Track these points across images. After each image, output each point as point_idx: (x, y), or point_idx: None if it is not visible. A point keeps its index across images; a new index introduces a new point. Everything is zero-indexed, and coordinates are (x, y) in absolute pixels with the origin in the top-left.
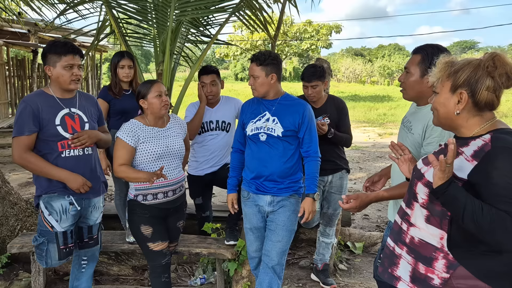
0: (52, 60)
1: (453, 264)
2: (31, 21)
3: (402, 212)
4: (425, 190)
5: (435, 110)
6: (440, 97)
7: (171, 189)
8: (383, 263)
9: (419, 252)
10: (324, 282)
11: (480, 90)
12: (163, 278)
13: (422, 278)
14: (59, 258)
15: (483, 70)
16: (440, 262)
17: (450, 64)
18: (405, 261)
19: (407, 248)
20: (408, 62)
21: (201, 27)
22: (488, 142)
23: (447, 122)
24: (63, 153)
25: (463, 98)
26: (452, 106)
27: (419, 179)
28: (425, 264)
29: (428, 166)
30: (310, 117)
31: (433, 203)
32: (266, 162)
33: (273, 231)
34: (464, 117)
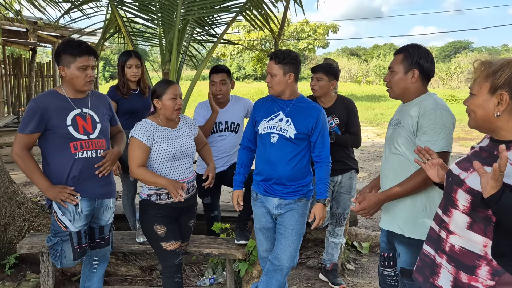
0: (66, 60)
1: (498, 271)
2: (30, 20)
3: (439, 219)
4: (466, 197)
5: (472, 112)
6: (478, 98)
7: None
8: (424, 272)
9: (460, 260)
10: (333, 282)
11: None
12: (175, 278)
13: (465, 287)
14: (73, 258)
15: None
16: (483, 269)
17: (488, 65)
18: (445, 270)
19: (447, 256)
20: (392, 62)
21: (206, 26)
22: None
23: (486, 125)
24: (76, 154)
25: (504, 99)
26: (491, 108)
27: (459, 186)
28: (467, 272)
29: (469, 172)
30: (324, 122)
31: (476, 210)
32: (275, 165)
33: (283, 234)
34: (504, 119)
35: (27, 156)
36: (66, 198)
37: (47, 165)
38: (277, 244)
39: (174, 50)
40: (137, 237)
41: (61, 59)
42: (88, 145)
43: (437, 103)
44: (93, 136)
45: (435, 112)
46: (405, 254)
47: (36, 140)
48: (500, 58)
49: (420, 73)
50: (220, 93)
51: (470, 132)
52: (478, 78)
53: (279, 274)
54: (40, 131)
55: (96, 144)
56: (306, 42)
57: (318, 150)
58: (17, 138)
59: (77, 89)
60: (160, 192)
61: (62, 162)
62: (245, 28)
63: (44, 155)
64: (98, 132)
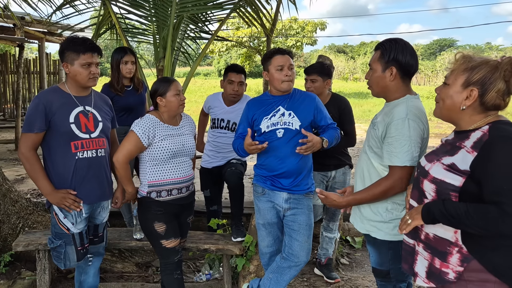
0: (70, 57)
1: (467, 257)
2: (18, 15)
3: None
4: (432, 187)
5: (441, 100)
6: (450, 89)
7: (185, 186)
8: (407, 260)
9: (435, 247)
10: (328, 276)
11: (490, 91)
12: (175, 275)
13: (437, 273)
14: (77, 259)
15: (500, 73)
16: (454, 257)
17: (468, 60)
18: (422, 257)
19: (423, 244)
20: (371, 59)
21: (200, 23)
22: (486, 132)
23: (449, 114)
24: (77, 154)
25: (473, 95)
26: (459, 101)
27: (424, 177)
28: (440, 259)
29: (432, 163)
30: (322, 105)
31: (441, 198)
32: (283, 159)
33: (297, 231)
34: (468, 113)
35: (33, 157)
36: (70, 204)
37: (48, 165)
38: (291, 241)
39: (168, 47)
40: (134, 233)
41: (65, 56)
42: (89, 145)
43: (408, 112)
44: (94, 135)
45: (403, 122)
46: (373, 254)
47: (42, 137)
48: (482, 56)
49: (399, 70)
50: (237, 93)
51: None
52: (456, 70)
53: (294, 270)
54: (46, 128)
55: (97, 143)
56: (294, 40)
57: (328, 122)
58: (24, 138)
59: (80, 85)
60: (161, 189)
61: (64, 163)
62: (234, 25)
63: (44, 155)
64: (100, 131)
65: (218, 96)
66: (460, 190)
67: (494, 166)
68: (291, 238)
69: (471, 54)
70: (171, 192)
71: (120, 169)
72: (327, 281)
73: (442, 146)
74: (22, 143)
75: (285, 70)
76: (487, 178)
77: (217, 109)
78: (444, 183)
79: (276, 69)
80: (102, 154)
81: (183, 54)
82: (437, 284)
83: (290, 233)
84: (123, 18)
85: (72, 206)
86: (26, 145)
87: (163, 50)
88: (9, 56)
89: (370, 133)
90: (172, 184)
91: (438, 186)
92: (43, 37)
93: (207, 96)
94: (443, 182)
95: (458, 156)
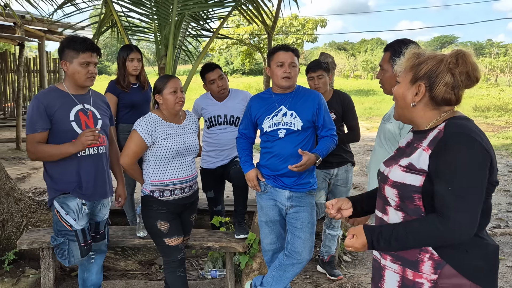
0: (69, 55)
1: (440, 263)
2: (18, 13)
3: (379, 219)
4: (393, 192)
5: (395, 99)
6: (400, 87)
7: (188, 185)
8: (374, 278)
9: (404, 257)
10: (331, 274)
11: (438, 85)
12: (178, 272)
13: (410, 285)
14: (81, 256)
15: (445, 66)
16: (427, 264)
17: (417, 56)
18: (391, 271)
19: (391, 256)
20: (382, 60)
21: (201, 21)
22: (442, 130)
23: (404, 113)
24: (78, 152)
25: (421, 90)
26: (410, 98)
27: (385, 183)
28: (412, 269)
29: (390, 167)
30: (325, 104)
31: (405, 202)
32: (285, 159)
33: (300, 229)
34: (420, 110)
35: (42, 146)
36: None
37: (51, 165)
38: (294, 239)
39: (170, 45)
40: (138, 231)
41: (64, 54)
42: None
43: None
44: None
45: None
46: None
47: (47, 136)
48: (432, 52)
49: None
50: (222, 88)
51: None
52: (406, 67)
53: (297, 267)
54: (50, 126)
55: (97, 141)
56: (295, 37)
57: (325, 129)
58: (29, 139)
59: (78, 84)
60: (164, 188)
61: (66, 162)
62: (234, 22)
63: None
64: (100, 128)
65: (207, 96)
66: (421, 190)
67: (443, 167)
68: (293, 236)
69: (422, 50)
70: (174, 192)
71: (130, 170)
72: (330, 278)
73: (400, 149)
74: (28, 144)
75: (285, 67)
76: (436, 179)
77: (211, 107)
78: (404, 185)
79: (277, 65)
80: (103, 151)
81: (185, 52)
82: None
83: (292, 230)
84: (125, 16)
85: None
86: (31, 145)
87: (164, 48)
88: (9, 55)
89: (382, 128)
90: (175, 184)
91: (399, 190)
92: (43, 35)
93: (195, 100)
94: (403, 185)
95: (415, 155)
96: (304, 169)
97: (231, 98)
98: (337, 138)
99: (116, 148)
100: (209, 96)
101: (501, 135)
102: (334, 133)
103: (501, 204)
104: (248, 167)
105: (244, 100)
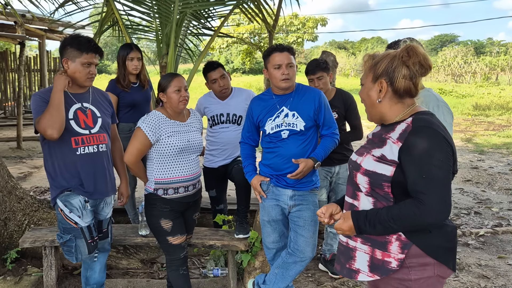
0: (72, 54)
1: (407, 244)
2: (19, 13)
3: (349, 205)
4: (365, 179)
5: (363, 101)
6: (365, 88)
7: (192, 184)
8: (339, 260)
9: (374, 239)
10: (333, 272)
11: (397, 78)
12: (181, 271)
13: (380, 264)
14: (88, 252)
15: (399, 60)
16: (394, 245)
17: (372, 57)
18: (361, 252)
19: (361, 239)
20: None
21: (202, 19)
22: (410, 124)
23: (373, 111)
24: (78, 150)
25: (383, 86)
26: (375, 95)
27: (357, 170)
28: (381, 249)
29: (363, 156)
30: (326, 102)
31: (375, 189)
32: (288, 159)
33: (303, 227)
34: (386, 105)
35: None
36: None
37: (50, 163)
38: (297, 237)
39: (172, 44)
40: (140, 229)
41: (67, 52)
42: (90, 140)
43: (438, 99)
44: (94, 130)
45: (438, 109)
46: None
47: None
48: (384, 52)
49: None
50: (224, 87)
51: (458, 125)
52: (365, 70)
53: (300, 265)
54: None
55: (98, 139)
56: (295, 36)
57: (326, 127)
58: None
59: (78, 84)
60: (167, 186)
61: (66, 159)
62: (234, 21)
63: (45, 154)
64: (100, 126)
65: (210, 95)
66: (391, 180)
67: (415, 156)
68: (296, 234)
69: (375, 52)
70: (178, 190)
71: (133, 168)
72: (332, 277)
73: (369, 140)
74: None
75: (283, 69)
76: (409, 169)
77: (213, 106)
78: (376, 174)
79: (274, 68)
80: (104, 149)
81: (186, 50)
82: (381, 275)
83: (295, 228)
84: (126, 15)
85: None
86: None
87: (166, 46)
88: (10, 54)
89: None
90: (179, 182)
91: (370, 178)
92: (44, 34)
93: (198, 99)
94: (375, 173)
95: (387, 147)
96: (303, 176)
97: (234, 97)
98: (338, 137)
99: (120, 145)
100: (212, 95)
101: (502, 134)
102: (334, 131)
103: (502, 202)
104: (251, 176)
105: (247, 99)
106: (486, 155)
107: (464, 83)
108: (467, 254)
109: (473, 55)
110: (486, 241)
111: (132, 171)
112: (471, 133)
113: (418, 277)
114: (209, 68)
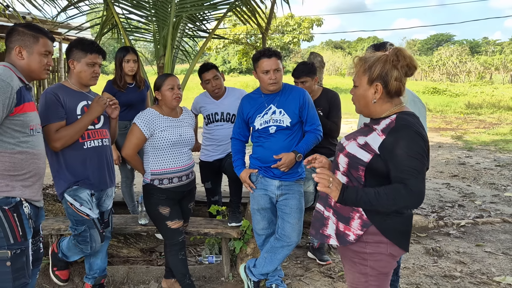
0: (77, 55)
1: (367, 223)
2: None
3: None
4: (345, 160)
5: (356, 101)
6: (359, 89)
7: (185, 174)
8: (315, 225)
9: (340, 213)
10: (321, 259)
11: (390, 81)
12: (180, 255)
13: (341, 234)
14: (101, 241)
15: (390, 64)
16: (356, 222)
17: (365, 61)
18: (331, 221)
19: (332, 210)
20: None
21: (197, 22)
22: (393, 121)
23: (366, 109)
24: (84, 144)
25: (379, 89)
26: (370, 97)
27: (341, 151)
28: (344, 223)
29: (349, 141)
30: (309, 100)
31: (350, 171)
32: (275, 152)
33: (289, 214)
34: (379, 104)
35: (61, 131)
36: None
37: (57, 158)
38: (284, 223)
39: (168, 45)
40: (140, 219)
41: (73, 53)
42: (95, 135)
43: (414, 95)
44: (98, 126)
45: (414, 104)
46: None
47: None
48: (374, 54)
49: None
50: (216, 87)
51: (450, 123)
52: (358, 72)
53: (287, 249)
54: (65, 115)
55: (101, 134)
56: (291, 36)
57: (309, 124)
58: (47, 131)
59: (83, 82)
60: (162, 177)
61: (73, 153)
62: (231, 22)
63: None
64: (103, 122)
65: (206, 95)
66: (366, 165)
67: (398, 149)
68: (283, 221)
69: (366, 55)
70: (172, 180)
71: (132, 161)
72: (320, 263)
73: (360, 129)
74: (46, 136)
75: (270, 74)
76: (393, 159)
77: (208, 105)
78: (355, 157)
79: (262, 72)
80: (106, 143)
81: (182, 51)
82: (340, 244)
83: (282, 216)
84: (126, 18)
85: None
86: (51, 135)
87: (163, 48)
88: None
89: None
90: (172, 173)
91: (350, 160)
92: None
93: (195, 98)
94: (354, 157)
95: (371, 137)
96: (287, 167)
97: (228, 96)
98: (321, 133)
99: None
100: (207, 94)
101: (491, 132)
102: (317, 127)
103: (485, 196)
104: (240, 169)
105: (240, 98)
106: (474, 152)
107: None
108: (447, 243)
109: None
110: (466, 231)
111: (130, 163)
112: (462, 131)
113: (373, 251)
114: (203, 69)
